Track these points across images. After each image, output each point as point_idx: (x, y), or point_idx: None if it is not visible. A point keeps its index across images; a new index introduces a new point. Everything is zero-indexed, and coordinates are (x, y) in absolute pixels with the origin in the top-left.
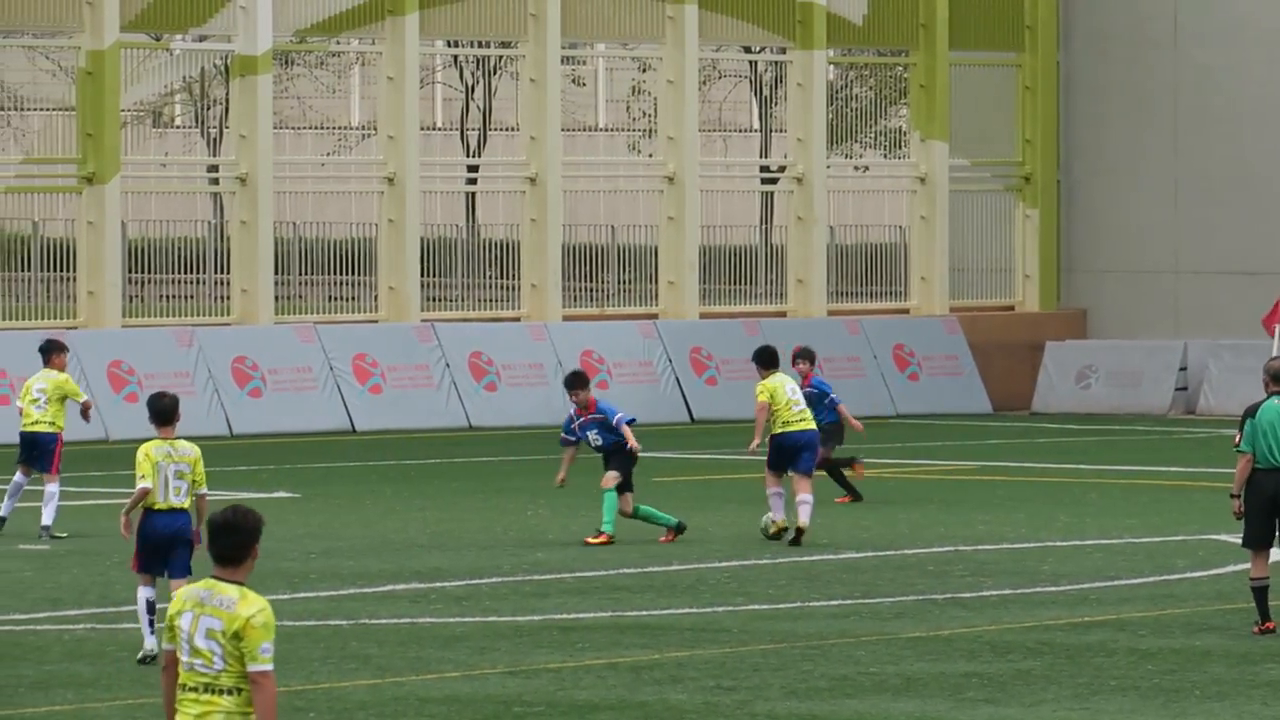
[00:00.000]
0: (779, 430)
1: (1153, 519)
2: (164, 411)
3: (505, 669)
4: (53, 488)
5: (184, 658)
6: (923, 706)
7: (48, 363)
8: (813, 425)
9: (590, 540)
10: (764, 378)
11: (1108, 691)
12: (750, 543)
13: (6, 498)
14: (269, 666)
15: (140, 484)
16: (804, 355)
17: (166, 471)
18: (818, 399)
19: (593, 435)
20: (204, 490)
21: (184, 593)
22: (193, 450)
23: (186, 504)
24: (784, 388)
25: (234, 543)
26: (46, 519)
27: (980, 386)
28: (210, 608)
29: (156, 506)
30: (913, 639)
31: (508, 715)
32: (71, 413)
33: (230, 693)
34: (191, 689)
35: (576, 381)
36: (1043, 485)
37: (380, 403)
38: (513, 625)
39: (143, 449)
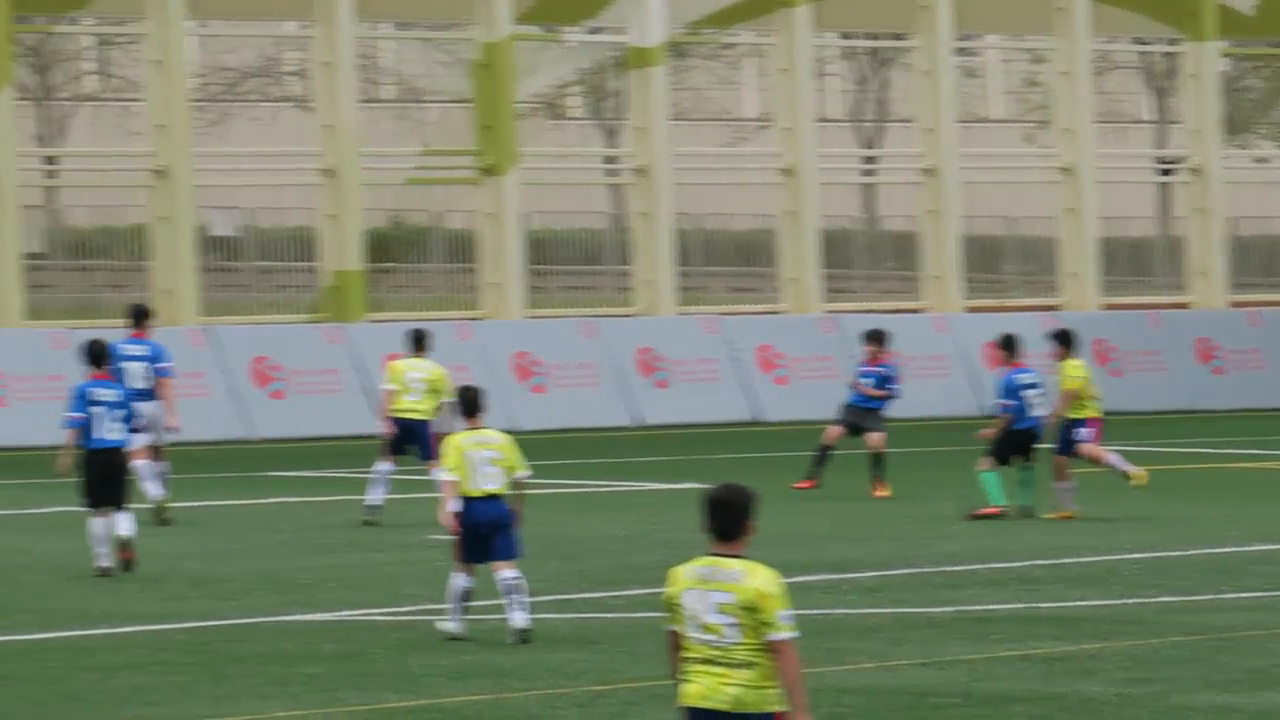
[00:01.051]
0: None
1: None
2: (469, 404)
3: (919, 660)
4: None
5: (693, 634)
6: None
7: (418, 352)
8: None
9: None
10: (1062, 358)
11: None
12: (1161, 533)
13: (376, 488)
14: (789, 634)
15: (445, 477)
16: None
17: (475, 459)
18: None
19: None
20: (520, 473)
21: (683, 572)
22: (500, 438)
23: (502, 489)
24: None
25: (730, 518)
26: None
27: None
28: (716, 583)
29: (472, 494)
30: None
31: (923, 706)
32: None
33: (745, 666)
34: (702, 661)
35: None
36: None
37: (786, 394)
38: (925, 616)
39: (451, 441)
